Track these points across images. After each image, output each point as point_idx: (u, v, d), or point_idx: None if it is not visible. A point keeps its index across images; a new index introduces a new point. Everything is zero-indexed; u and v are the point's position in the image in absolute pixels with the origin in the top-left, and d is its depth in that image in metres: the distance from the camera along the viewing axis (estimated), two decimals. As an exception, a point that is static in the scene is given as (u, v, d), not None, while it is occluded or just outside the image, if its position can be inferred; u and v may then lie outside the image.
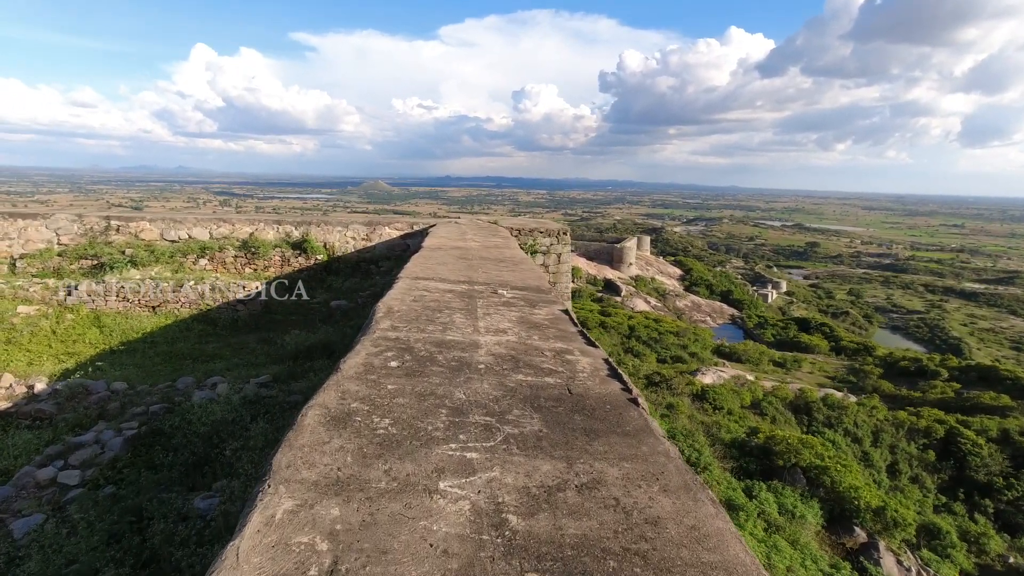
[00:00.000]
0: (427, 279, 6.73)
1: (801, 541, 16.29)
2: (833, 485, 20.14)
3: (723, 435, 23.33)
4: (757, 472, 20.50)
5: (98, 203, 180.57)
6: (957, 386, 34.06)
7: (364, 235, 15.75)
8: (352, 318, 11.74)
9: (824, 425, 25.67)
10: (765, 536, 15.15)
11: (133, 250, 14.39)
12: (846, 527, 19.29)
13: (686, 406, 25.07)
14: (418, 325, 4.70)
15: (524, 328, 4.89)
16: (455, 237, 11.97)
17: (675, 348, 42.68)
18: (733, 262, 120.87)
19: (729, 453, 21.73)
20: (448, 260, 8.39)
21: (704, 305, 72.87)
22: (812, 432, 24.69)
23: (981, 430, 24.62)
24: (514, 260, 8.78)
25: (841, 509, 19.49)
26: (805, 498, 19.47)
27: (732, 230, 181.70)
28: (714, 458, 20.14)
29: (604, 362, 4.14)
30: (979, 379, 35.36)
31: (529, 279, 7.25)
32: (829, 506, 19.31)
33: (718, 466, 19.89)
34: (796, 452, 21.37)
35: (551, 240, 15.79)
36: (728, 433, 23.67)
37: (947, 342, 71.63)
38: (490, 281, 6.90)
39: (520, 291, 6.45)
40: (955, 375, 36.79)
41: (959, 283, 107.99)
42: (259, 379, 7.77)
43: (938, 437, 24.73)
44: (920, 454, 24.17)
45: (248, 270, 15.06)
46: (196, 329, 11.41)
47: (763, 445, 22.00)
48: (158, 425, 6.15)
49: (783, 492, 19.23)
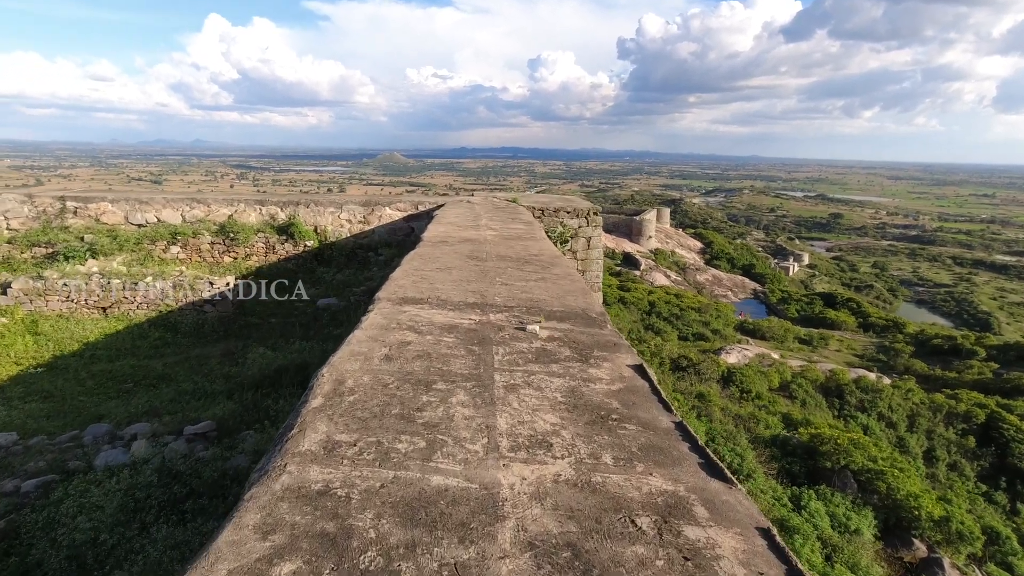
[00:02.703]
0: (419, 302, 4.50)
1: (862, 564, 14.29)
2: (889, 492, 18.11)
3: (761, 430, 21.39)
4: (802, 474, 18.61)
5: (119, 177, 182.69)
6: (995, 366, 31.96)
7: (361, 217, 13.51)
8: (341, 322, 9.63)
9: (857, 409, 24.03)
10: (825, 567, 13.17)
11: (93, 236, 12.33)
12: (904, 539, 17.30)
13: (716, 395, 23.39)
14: (381, 434, 2.48)
15: (581, 429, 2.66)
16: (466, 223, 9.72)
17: (697, 325, 41.35)
18: (754, 234, 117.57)
19: (770, 453, 19.79)
20: (454, 262, 6.16)
21: (725, 279, 70.50)
22: (844, 416, 23.31)
23: (1025, 415, 23.46)
24: (543, 260, 6.52)
25: (897, 518, 17.47)
26: (857, 506, 17.48)
27: (753, 201, 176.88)
28: (757, 463, 18.15)
29: (766, 543, 1.91)
30: (1018, 358, 33.42)
31: (569, 295, 5.01)
32: (883, 514, 17.33)
33: (762, 472, 17.87)
34: (846, 453, 19.34)
35: (579, 222, 13.42)
36: (767, 429, 21.74)
37: (976, 316, 69.66)
38: (513, 302, 4.66)
39: (560, 323, 4.21)
40: (992, 354, 34.86)
41: (989, 255, 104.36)
42: (198, 426, 5.68)
43: (978, 422, 23.03)
44: (959, 440, 22.59)
45: (227, 259, 12.95)
46: (152, 337, 9.35)
47: (807, 444, 20.08)
48: (17, 522, 4.09)
49: (833, 499, 17.29)
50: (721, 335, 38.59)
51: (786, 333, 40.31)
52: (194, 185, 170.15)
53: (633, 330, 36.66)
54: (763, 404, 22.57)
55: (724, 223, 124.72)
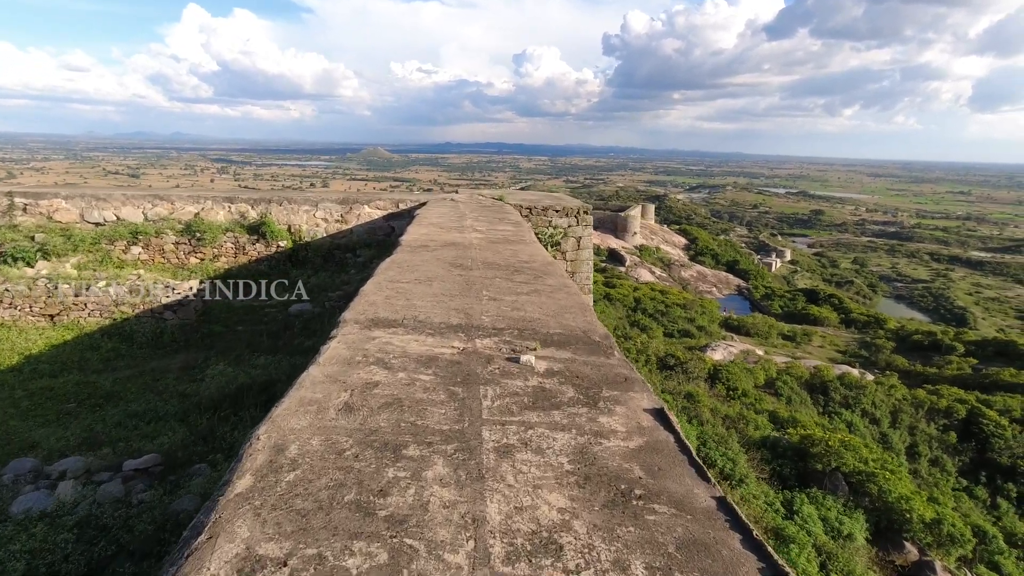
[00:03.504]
0: (392, 325, 3.80)
1: (857, 572, 13.91)
2: (881, 494, 17.86)
3: (751, 431, 21.09)
4: (792, 477, 18.36)
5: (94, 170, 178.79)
6: (974, 361, 32.44)
7: (338, 216, 12.70)
8: (314, 331, 8.87)
9: (841, 405, 24.12)
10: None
11: (45, 235, 11.41)
12: (895, 542, 17.03)
13: (705, 394, 23.16)
14: (326, 541, 1.75)
15: (598, 517, 1.99)
16: (450, 224, 9.00)
17: (682, 321, 41.41)
18: (737, 230, 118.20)
19: (761, 455, 19.47)
20: (436, 271, 5.46)
21: (710, 275, 70.56)
22: (829, 413, 23.33)
23: (1004, 410, 23.30)
24: (535, 268, 5.84)
25: (889, 521, 17.24)
26: (849, 509, 17.19)
27: (736, 197, 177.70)
28: (749, 467, 17.77)
29: None
30: (996, 354, 33.87)
31: (567, 312, 4.33)
32: (875, 517, 17.12)
33: (754, 476, 17.48)
34: (837, 455, 19.09)
35: (568, 221, 12.73)
36: (756, 429, 21.46)
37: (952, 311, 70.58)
38: (503, 322, 3.98)
39: (559, 350, 3.54)
40: (971, 350, 35.29)
41: (965, 251, 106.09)
42: (140, 460, 4.93)
43: (959, 418, 23.36)
44: (940, 435, 22.82)
45: (193, 260, 12.09)
46: (103, 348, 8.51)
47: (798, 445, 19.87)
48: None
49: (824, 502, 17.03)
50: (706, 331, 38.62)
51: (770, 329, 40.39)
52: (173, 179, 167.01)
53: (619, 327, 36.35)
54: (750, 402, 22.40)
55: (708, 219, 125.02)
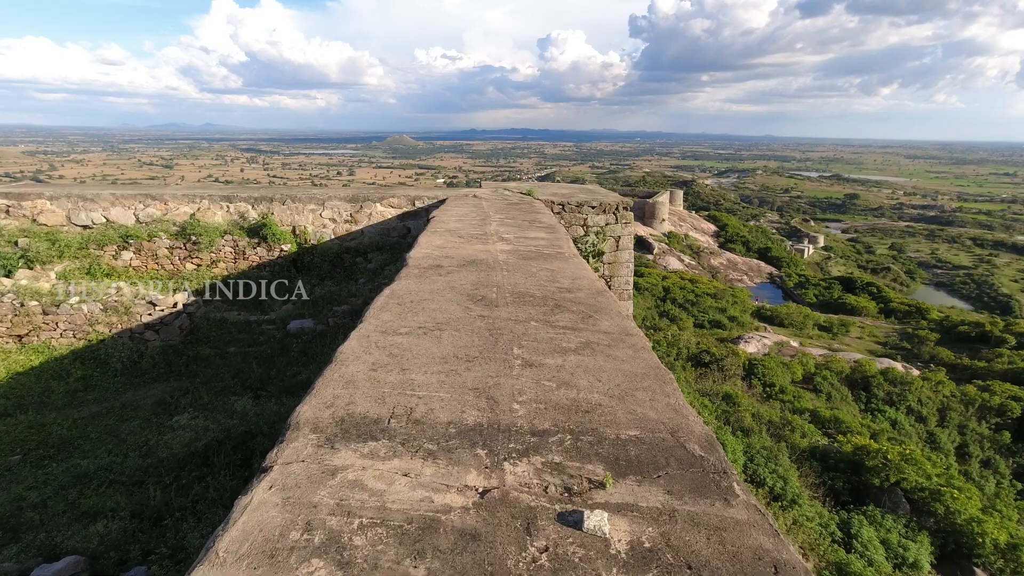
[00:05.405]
0: (371, 436, 2.38)
1: (929, 610, 12.35)
2: (948, 515, 16.16)
3: (797, 439, 19.52)
4: (846, 491, 16.89)
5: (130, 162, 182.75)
6: None
7: (348, 215, 11.36)
8: (314, 355, 7.54)
9: (884, 403, 22.96)
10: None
11: (28, 239, 10.32)
12: (964, 568, 15.43)
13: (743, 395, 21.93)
14: None
15: None
16: (471, 229, 7.58)
17: (713, 312, 40.14)
18: (767, 216, 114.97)
19: (810, 467, 17.91)
20: (449, 310, 4.05)
21: (740, 263, 68.42)
22: (871, 410, 22.18)
23: (1063, 409, 22.23)
24: (581, 300, 4.39)
25: (957, 544, 15.68)
26: (912, 531, 15.58)
27: (766, 182, 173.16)
28: (801, 485, 16.22)
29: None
30: None
31: (639, 386, 2.89)
32: (940, 539, 15.57)
33: (807, 496, 15.90)
34: (897, 470, 17.41)
35: (606, 218, 11.10)
36: (803, 437, 19.89)
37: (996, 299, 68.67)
38: (545, 417, 2.56)
39: (644, 483, 2.11)
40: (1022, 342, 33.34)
41: (1010, 236, 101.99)
42: (57, 565, 3.67)
43: (1013, 416, 22.04)
44: (993, 435, 21.59)
45: (189, 266, 10.89)
46: (73, 376, 7.33)
47: (851, 456, 18.32)
48: None
49: (884, 523, 15.48)
50: (738, 322, 37.48)
51: (805, 320, 38.90)
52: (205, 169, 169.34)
53: (648, 317, 34.92)
54: (788, 400, 21.20)
55: (737, 204, 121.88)
